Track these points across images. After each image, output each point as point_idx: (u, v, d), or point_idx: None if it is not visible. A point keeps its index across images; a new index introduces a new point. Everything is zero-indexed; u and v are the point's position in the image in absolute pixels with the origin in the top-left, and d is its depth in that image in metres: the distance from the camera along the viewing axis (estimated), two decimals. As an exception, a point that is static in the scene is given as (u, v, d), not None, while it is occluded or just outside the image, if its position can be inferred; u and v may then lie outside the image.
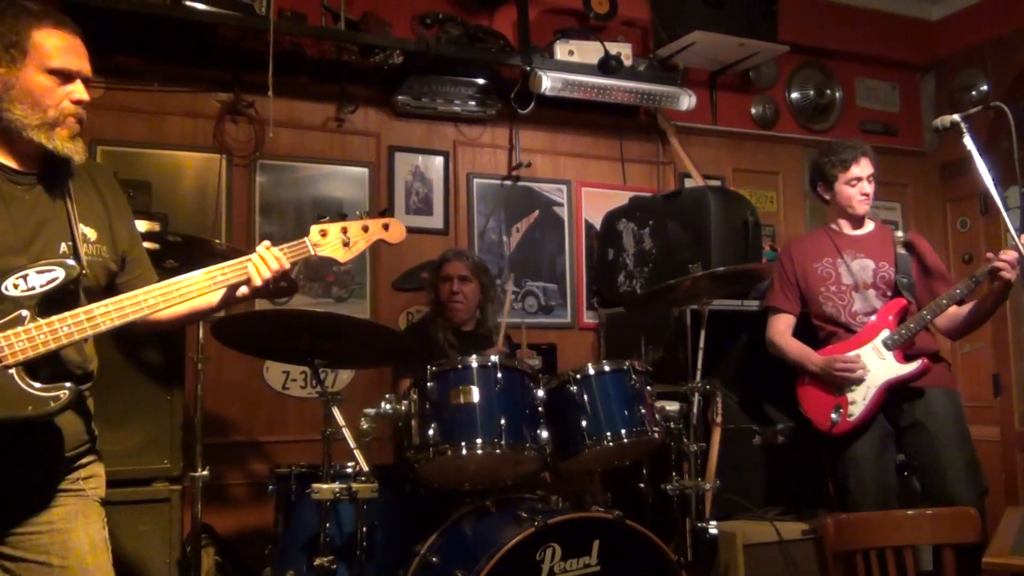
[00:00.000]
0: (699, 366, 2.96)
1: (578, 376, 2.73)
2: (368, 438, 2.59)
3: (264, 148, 3.66)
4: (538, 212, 4.23)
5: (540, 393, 2.68)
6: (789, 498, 3.38)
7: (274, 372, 3.63)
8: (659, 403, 2.84)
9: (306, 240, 2.00)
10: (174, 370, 2.90)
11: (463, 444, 2.50)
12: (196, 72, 3.60)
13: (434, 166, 4.03)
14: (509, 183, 4.18)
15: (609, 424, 2.67)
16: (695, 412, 2.92)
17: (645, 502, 2.99)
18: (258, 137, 3.65)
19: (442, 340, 3.32)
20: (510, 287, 3.61)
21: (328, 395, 2.52)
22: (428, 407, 2.58)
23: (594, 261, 4.26)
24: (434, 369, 2.61)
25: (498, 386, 2.58)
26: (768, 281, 3.36)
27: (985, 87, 4.86)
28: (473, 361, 2.62)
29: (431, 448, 2.52)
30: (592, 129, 4.39)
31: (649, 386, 2.81)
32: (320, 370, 2.59)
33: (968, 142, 2.56)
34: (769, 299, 3.33)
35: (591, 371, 2.74)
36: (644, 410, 2.73)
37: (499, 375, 2.59)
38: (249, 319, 2.90)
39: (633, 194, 4.18)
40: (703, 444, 2.99)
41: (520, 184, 4.20)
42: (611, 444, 2.65)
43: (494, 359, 2.64)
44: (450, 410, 2.56)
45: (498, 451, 2.51)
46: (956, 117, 2.63)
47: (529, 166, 4.18)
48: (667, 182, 4.51)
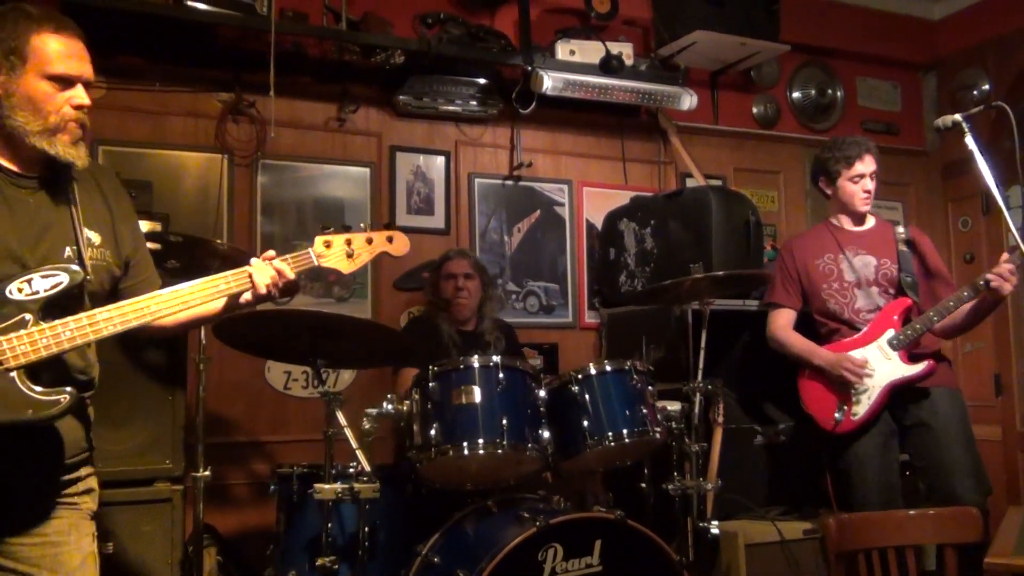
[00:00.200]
0: (700, 366, 2.96)
1: (580, 376, 2.73)
2: (370, 438, 2.59)
3: (265, 148, 3.66)
4: (539, 212, 4.22)
5: (542, 393, 2.68)
6: (791, 498, 3.38)
7: (276, 372, 3.63)
8: (660, 403, 2.84)
9: (310, 251, 2.01)
10: (176, 370, 2.90)
11: (465, 444, 2.50)
12: (197, 72, 3.60)
13: (435, 166, 4.03)
14: (510, 183, 4.18)
15: (611, 424, 2.67)
16: (696, 412, 2.92)
17: (647, 502, 2.99)
18: (259, 137, 3.65)
19: (446, 334, 3.33)
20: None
21: (330, 395, 2.52)
22: (430, 407, 2.58)
23: (595, 261, 4.26)
24: (436, 369, 2.61)
25: (500, 386, 2.58)
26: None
27: (987, 86, 4.85)
28: (475, 361, 2.62)
29: (433, 448, 2.52)
30: (593, 129, 4.38)
31: (650, 386, 2.81)
32: (322, 370, 2.60)
33: (970, 141, 2.57)
34: (770, 295, 3.32)
35: (592, 371, 2.74)
36: (646, 410, 2.73)
37: (501, 375, 2.59)
38: (251, 319, 2.89)
39: (634, 194, 4.18)
40: (704, 444, 2.99)
41: (521, 184, 4.19)
42: (613, 444, 2.65)
43: (496, 359, 2.64)
44: (452, 410, 2.56)
45: (500, 451, 2.51)
46: (958, 117, 2.63)
47: (530, 166, 4.17)
48: (668, 182, 4.51)
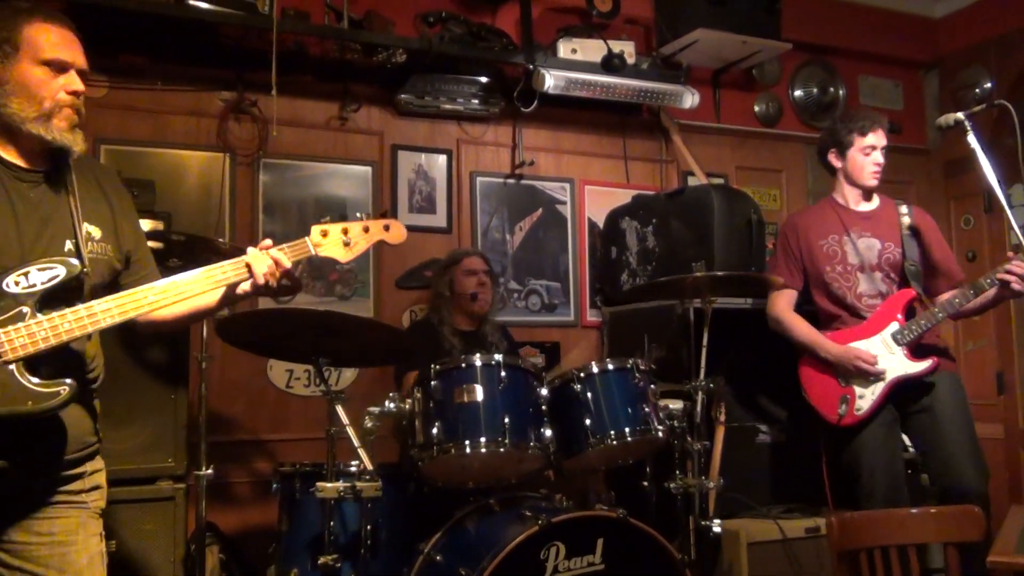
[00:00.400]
0: (702, 364, 2.95)
1: (582, 375, 2.73)
2: (372, 436, 2.59)
3: (267, 147, 3.66)
4: (541, 210, 4.22)
5: (544, 392, 2.68)
6: (793, 496, 3.38)
7: (278, 371, 3.63)
8: (663, 401, 2.84)
9: (307, 240, 2.00)
10: (178, 369, 2.91)
11: (467, 443, 2.50)
12: (199, 71, 3.60)
13: (437, 165, 4.03)
14: (512, 181, 4.17)
15: (613, 423, 2.67)
16: (699, 410, 2.92)
17: (649, 501, 2.98)
18: (261, 136, 3.66)
19: (449, 336, 3.33)
20: None
21: (332, 393, 2.53)
22: (432, 406, 2.59)
23: (597, 260, 4.26)
24: (438, 368, 2.61)
25: (502, 385, 2.58)
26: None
27: (989, 85, 4.85)
28: (477, 360, 2.62)
29: (435, 447, 2.52)
30: (595, 127, 4.38)
31: (652, 384, 2.81)
32: (324, 368, 2.59)
33: (972, 140, 2.57)
34: (772, 273, 3.28)
35: (594, 369, 2.75)
36: (648, 408, 2.73)
37: (503, 374, 2.60)
38: (253, 318, 2.91)
39: (636, 192, 4.18)
40: (707, 442, 2.98)
41: (523, 182, 4.19)
42: (615, 443, 2.65)
43: (498, 358, 2.64)
44: (454, 409, 2.57)
45: (502, 450, 2.51)
46: (960, 115, 2.64)
47: (532, 164, 4.17)
48: (670, 180, 4.51)
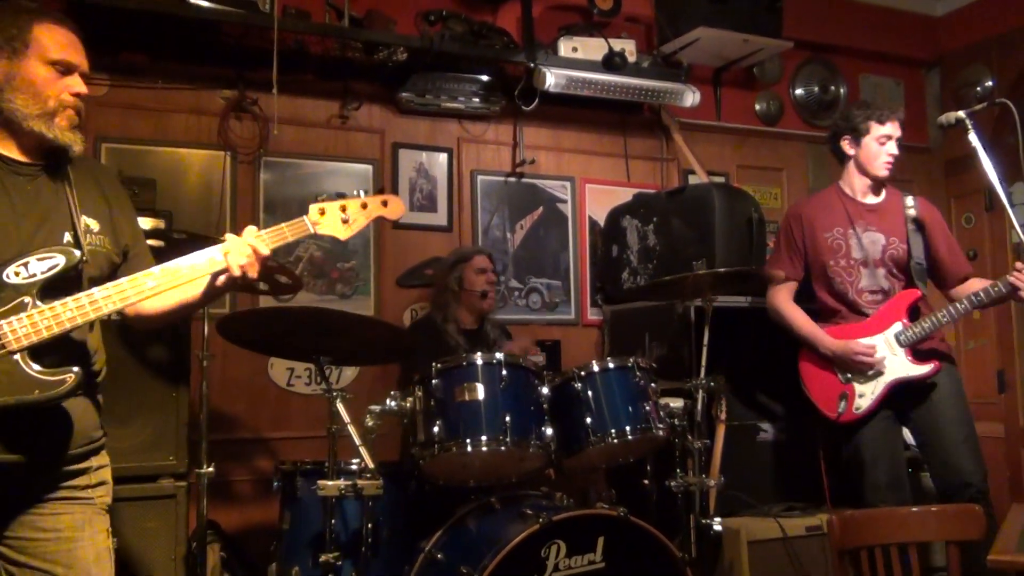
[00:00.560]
0: (703, 363, 2.96)
1: (582, 373, 2.73)
2: (373, 435, 2.59)
3: (268, 145, 3.66)
4: (542, 209, 4.22)
5: (544, 390, 2.68)
6: (794, 494, 3.38)
7: (279, 369, 3.63)
8: (663, 400, 2.84)
9: (305, 219, 1.96)
10: (180, 367, 2.91)
11: (468, 441, 2.51)
12: (200, 69, 3.60)
13: (438, 163, 4.03)
14: (513, 180, 4.17)
15: (613, 421, 2.67)
16: (699, 409, 2.92)
17: (649, 499, 2.98)
18: (262, 134, 3.66)
19: (452, 335, 3.33)
20: None
21: (333, 392, 2.53)
22: (433, 404, 2.59)
23: (598, 258, 4.25)
24: (439, 366, 2.61)
25: (503, 383, 2.58)
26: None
27: (990, 83, 4.85)
28: (478, 358, 2.62)
29: (436, 445, 2.52)
30: (596, 126, 4.38)
31: (653, 383, 2.81)
32: (325, 367, 2.60)
33: (973, 138, 2.56)
34: (772, 262, 3.27)
35: (595, 368, 2.75)
36: (648, 407, 2.73)
37: (504, 372, 2.60)
38: (254, 316, 2.92)
39: (637, 191, 4.18)
40: (707, 441, 2.98)
41: (524, 181, 4.19)
42: (615, 441, 2.65)
43: (499, 356, 2.64)
44: (455, 407, 2.57)
45: (503, 448, 2.52)
46: (961, 113, 2.63)
47: (533, 163, 4.17)
48: (671, 179, 4.51)
